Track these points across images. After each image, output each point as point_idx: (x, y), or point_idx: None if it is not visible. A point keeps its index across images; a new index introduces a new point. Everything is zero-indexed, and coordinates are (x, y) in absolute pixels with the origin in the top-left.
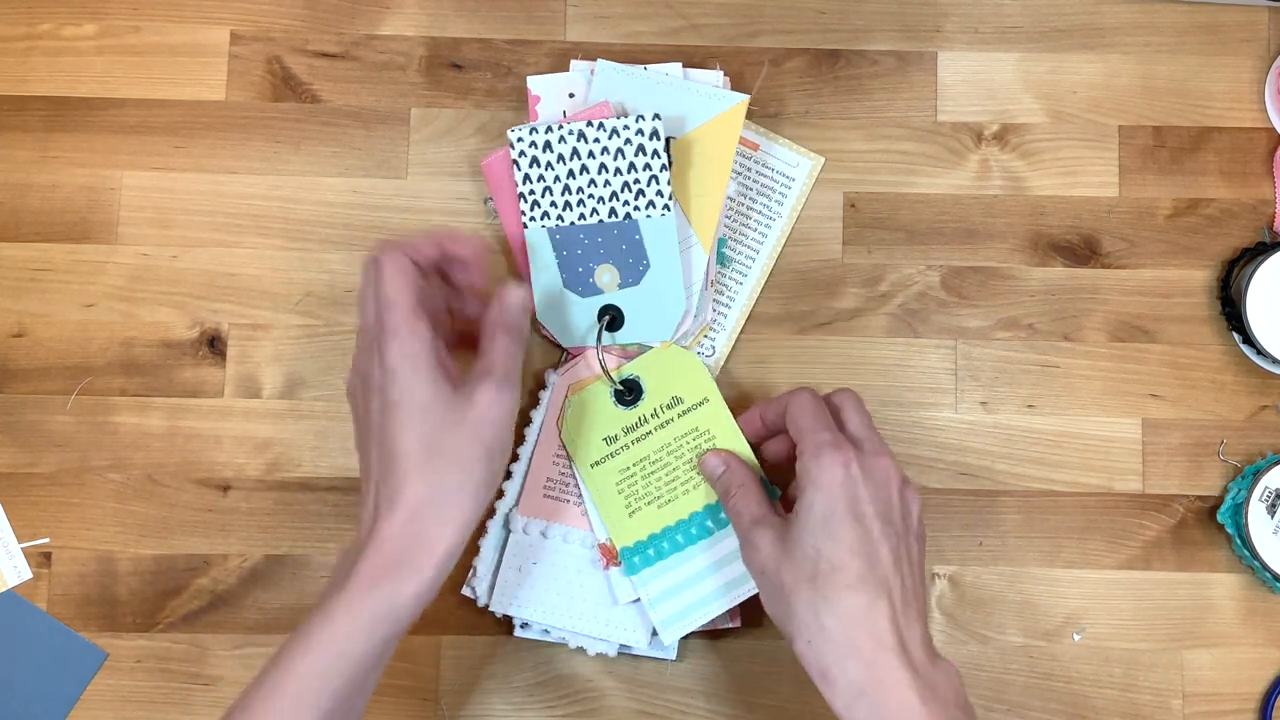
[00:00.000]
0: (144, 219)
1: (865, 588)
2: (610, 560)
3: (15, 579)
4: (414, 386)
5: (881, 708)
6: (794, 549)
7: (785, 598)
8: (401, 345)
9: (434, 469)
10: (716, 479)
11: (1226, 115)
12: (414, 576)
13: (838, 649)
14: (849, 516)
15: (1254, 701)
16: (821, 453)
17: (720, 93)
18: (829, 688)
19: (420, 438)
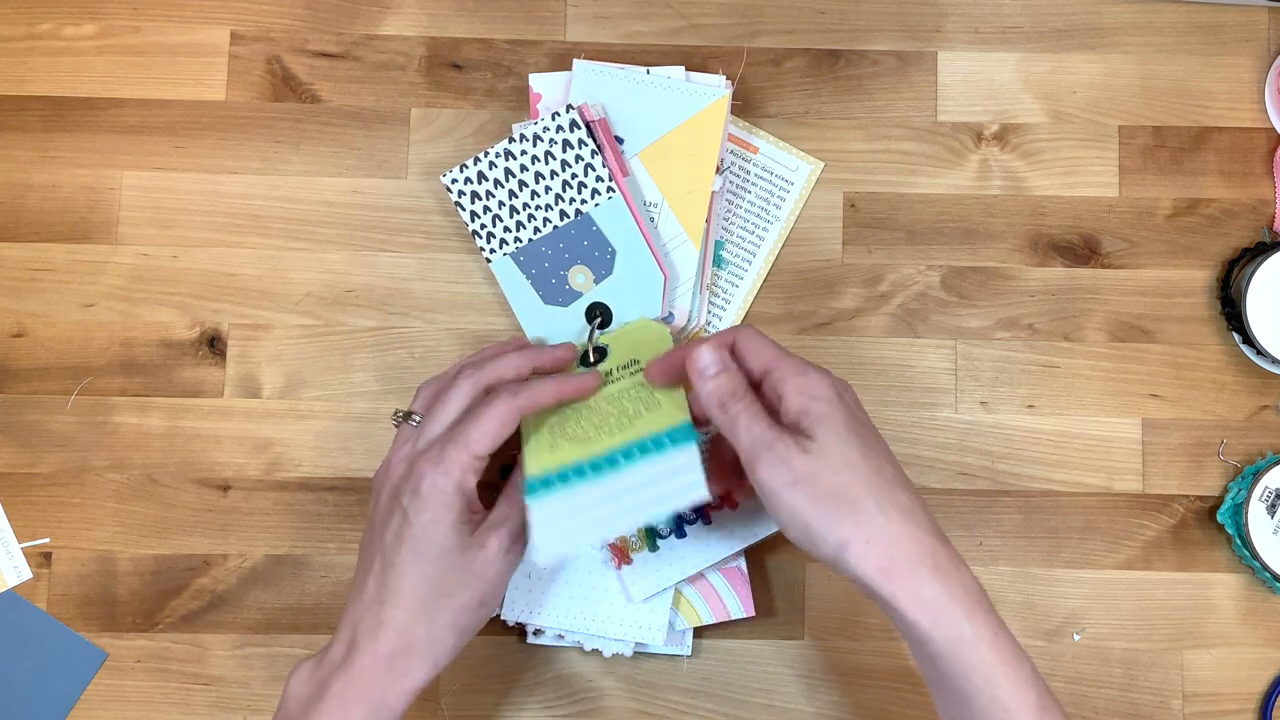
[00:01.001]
0: (144, 219)
1: (903, 488)
2: (621, 559)
3: (15, 579)
4: (436, 525)
5: (950, 590)
6: (826, 456)
7: (832, 503)
8: (442, 483)
9: (430, 610)
10: (711, 375)
11: (1226, 115)
12: (383, 710)
13: (898, 543)
14: (862, 428)
15: (1254, 701)
16: (807, 372)
17: (702, 89)
18: (894, 582)
19: (425, 577)
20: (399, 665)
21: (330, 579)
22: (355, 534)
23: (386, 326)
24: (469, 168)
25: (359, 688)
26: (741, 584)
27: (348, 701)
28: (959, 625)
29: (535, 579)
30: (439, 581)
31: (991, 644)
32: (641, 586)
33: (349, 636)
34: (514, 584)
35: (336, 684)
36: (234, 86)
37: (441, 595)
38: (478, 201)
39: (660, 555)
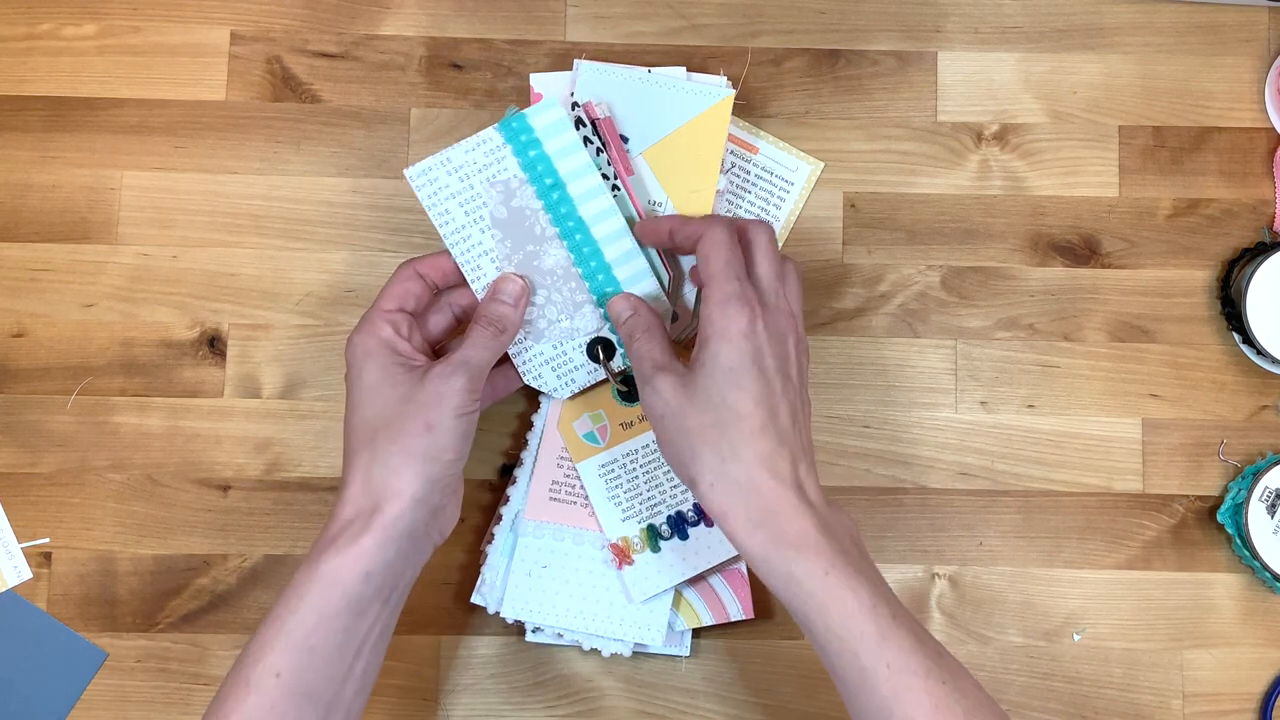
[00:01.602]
0: (144, 219)
1: (767, 436)
2: (622, 560)
3: (15, 579)
4: (364, 373)
5: (780, 534)
6: (698, 395)
7: (689, 442)
8: (360, 338)
9: (375, 445)
10: (623, 322)
11: (1226, 115)
12: (351, 547)
13: (741, 488)
14: (754, 369)
15: (1254, 701)
16: (729, 304)
17: (705, 88)
18: (730, 523)
19: (365, 418)
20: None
21: None
22: None
23: None
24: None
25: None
26: (741, 586)
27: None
28: (788, 565)
29: (536, 577)
30: (377, 419)
31: (823, 581)
32: (643, 587)
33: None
34: (514, 582)
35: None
36: (234, 86)
37: (383, 428)
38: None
39: (662, 556)
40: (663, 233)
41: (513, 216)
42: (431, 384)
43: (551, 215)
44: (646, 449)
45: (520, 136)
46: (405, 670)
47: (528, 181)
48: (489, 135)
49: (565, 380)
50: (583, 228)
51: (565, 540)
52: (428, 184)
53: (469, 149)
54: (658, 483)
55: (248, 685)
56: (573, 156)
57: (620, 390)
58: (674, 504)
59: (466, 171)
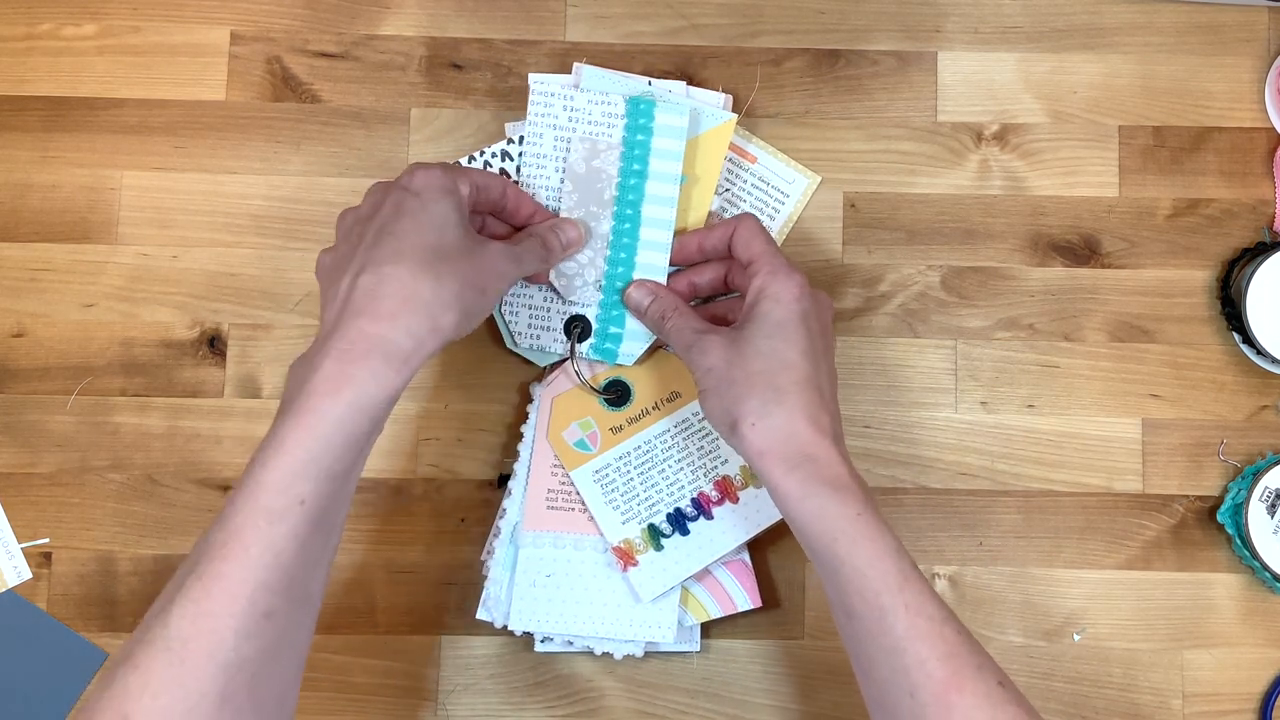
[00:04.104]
0: (144, 219)
1: (811, 386)
2: (627, 562)
3: (15, 579)
4: (438, 203)
5: (819, 473)
6: (747, 348)
7: (734, 389)
8: (443, 178)
9: (436, 268)
10: (646, 309)
11: (1226, 115)
12: (389, 374)
13: (781, 430)
14: (802, 325)
15: (1254, 701)
16: (779, 271)
17: (708, 109)
18: (768, 462)
19: (430, 242)
20: (400, 321)
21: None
22: (354, 534)
23: None
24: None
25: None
26: (746, 576)
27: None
28: (821, 502)
29: (540, 587)
30: (443, 246)
31: (854, 521)
32: (650, 587)
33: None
34: (519, 594)
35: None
36: (234, 86)
37: (448, 258)
38: None
39: (665, 554)
40: (691, 247)
41: (589, 175)
42: (496, 254)
43: (619, 194)
44: (639, 450)
45: (639, 119)
46: (405, 670)
47: (620, 156)
48: (616, 100)
49: (532, 334)
50: (636, 220)
51: (566, 548)
52: (543, 99)
53: (592, 100)
54: (653, 483)
55: (270, 515)
56: (669, 162)
57: (607, 399)
58: (672, 501)
59: (578, 115)
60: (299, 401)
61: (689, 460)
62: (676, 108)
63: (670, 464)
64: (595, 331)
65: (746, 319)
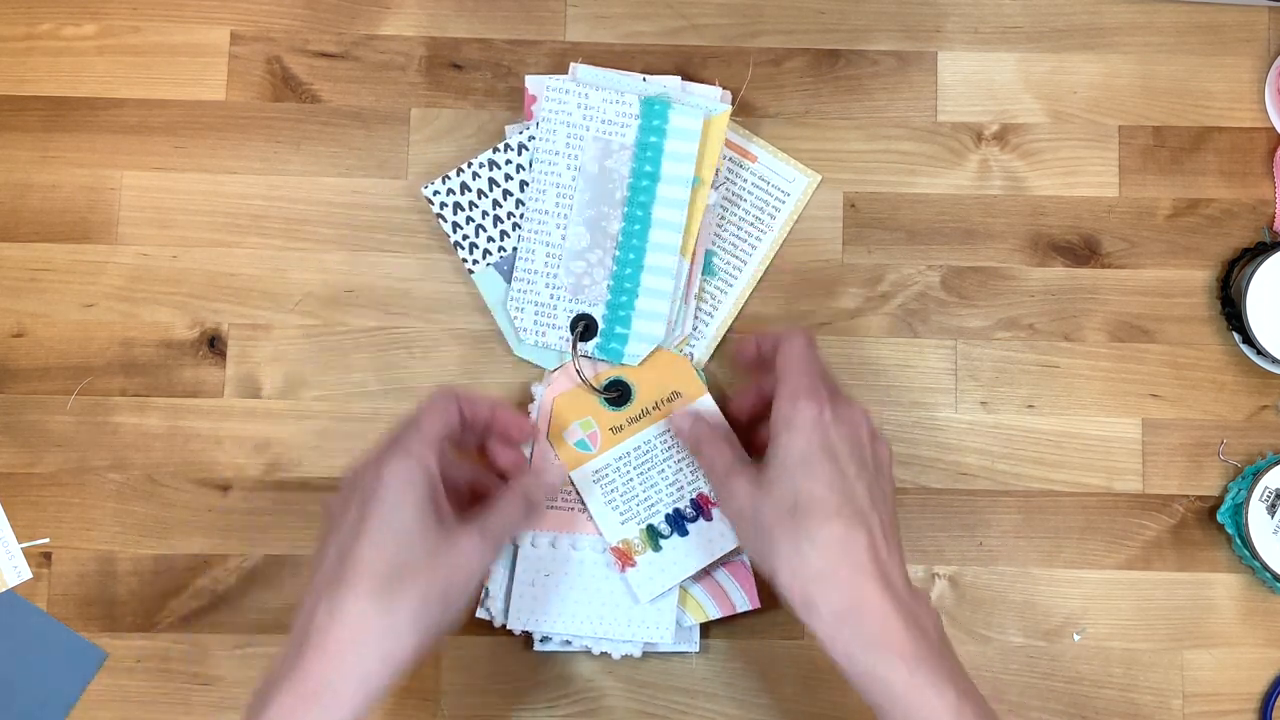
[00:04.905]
0: (144, 219)
1: (842, 519)
2: (625, 563)
3: (15, 579)
4: (400, 507)
5: (865, 631)
6: (772, 488)
7: (766, 534)
8: (403, 464)
9: (390, 594)
10: (685, 432)
11: (1226, 115)
12: (336, 711)
13: (819, 577)
14: (823, 455)
15: (1254, 701)
16: (797, 396)
17: (702, 101)
18: (812, 615)
19: (387, 557)
20: (348, 660)
21: None
22: None
23: (386, 326)
24: (451, 179)
25: (306, 689)
26: (745, 577)
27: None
28: (872, 665)
29: (539, 586)
30: (401, 563)
31: (906, 685)
32: (648, 588)
33: (302, 627)
34: (518, 592)
35: (283, 687)
36: (234, 86)
37: (405, 576)
38: (460, 213)
39: (664, 555)
40: (750, 350)
41: (601, 175)
42: (462, 549)
43: (630, 194)
44: (638, 450)
45: (653, 120)
46: None
47: (632, 157)
48: (631, 99)
49: (538, 330)
50: (646, 222)
51: (564, 547)
52: (557, 97)
53: (607, 99)
54: (652, 483)
55: None
56: (682, 164)
57: (608, 398)
58: (671, 502)
59: (591, 114)
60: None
61: (688, 461)
62: (691, 110)
63: (670, 465)
64: (601, 331)
65: (769, 454)
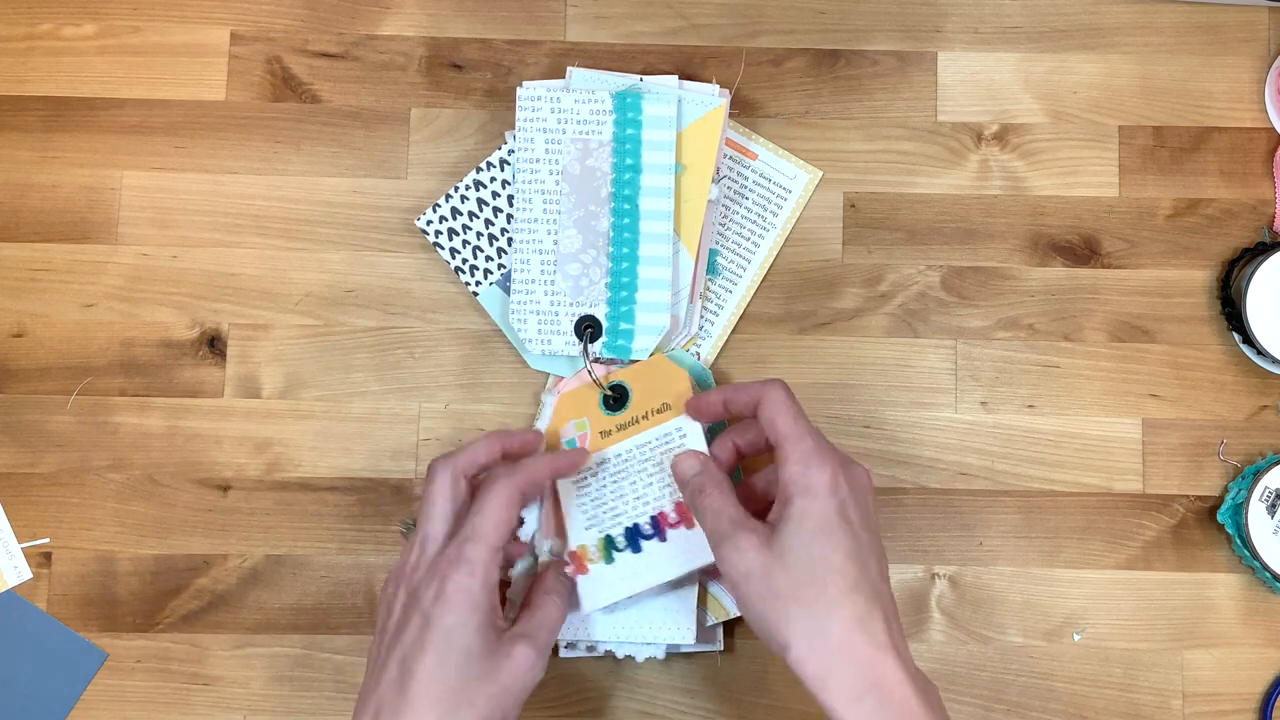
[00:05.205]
0: (144, 219)
1: (862, 593)
2: (579, 568)
3: (15, 579)
4: (463, 628)
5: (885, 707)
6: (786, 554)
7: (779, 604)
8: (468, 582)
9: (453, 715)
10: (690, 478)
11: (1226, 115)
12: None
13: (839, 652)
14: (841, 523)
15: (1254, 701)
16: (810, 460)
17: (698, 97)
18: (829, 691)
19: (447, 680)
20: None
21: (330, 579)
22: (355, 534)
23: (386, 326)
24: (441, 205)
25: None
26: None
27: None
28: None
29: None
30: (463, 690)
31: None
32: (594, 598)
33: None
34: None
35: None
36: (234, 86)
37: (465, 704)
38: (455, 238)
39: (615, 568)
40: (716, 405)
41: (584, 175)
42: (519, 664)
43: (614, 190)
44: (618, 458)
45: (628, 113)
46: None
47: (611, 153)
48: (603, 96)
49: (544, 339)
50: (635, 215)
51: None
52: (530, 106)
53: (579, 99)
54: (621, 493)
55: None
56: (662, 153)
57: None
58: (633, 516)
59: (566, 117)
60: None
61: (659, 476)
62: (663, 97)
63: (641, 478)
64: (606, 330)
65: (782, 517)
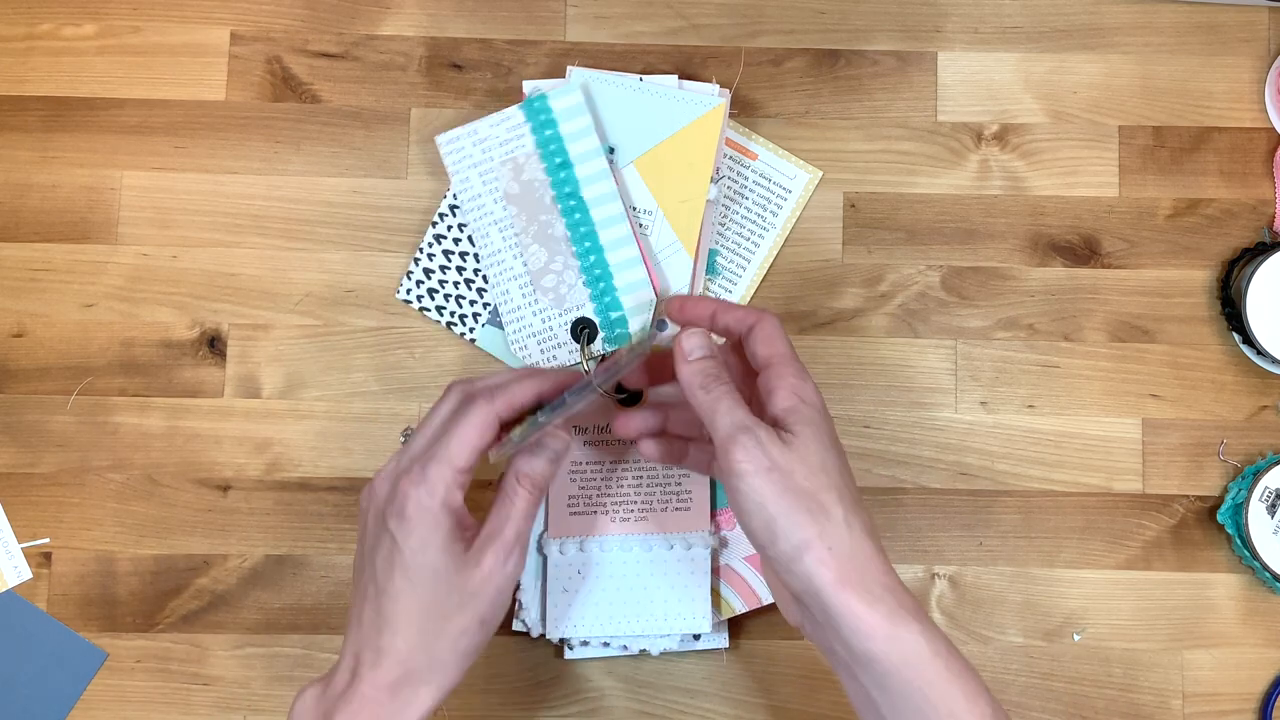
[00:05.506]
0: (144, 219)
1: (864, 509)
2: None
3: (15, 579)
4: (426, 550)
5: (900, 608)
6: (808, 457)
7: (802, 503)
8: (428, 502)
9: (428, 635)
10: (695, 358)
11: (1226, 115)
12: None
13: (855, 557)
14: (837, 443)
15: (1254, 701)
16: (807, 380)
17: (697, 97)
18: (848, 592)
19: (420, 603)
20: (402, 693)
21: (330, 579)
22: (355, 534)
23: (386, 326)
24: (414, 271)
25: (363, 718)
26: None
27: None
28: (914, 642)
29: (571, 591)
30: (435, 606)
31: (947, 660)
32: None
33: (351, 664)
34: (551, 601)
35: (340, 715)
36: (234, 86)
37: (439, 619)
38: (436, 296)
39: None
40: (704, 314)
41: (524, 191)
42: (486, 571)
43: (555, 193)
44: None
45: (540, 116)
46: None
47: (539, 159)
48: (512, 113)
49: (547, 357)
50: (583, 208)
51: (593, 550)
52: (454, 151)
53: (493, 124)
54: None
55: None
56: (584, 140)
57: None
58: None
59: (489, 145)
60: None
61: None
62: (566, 89)
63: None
64: (600, 324)
65: (792, 422)
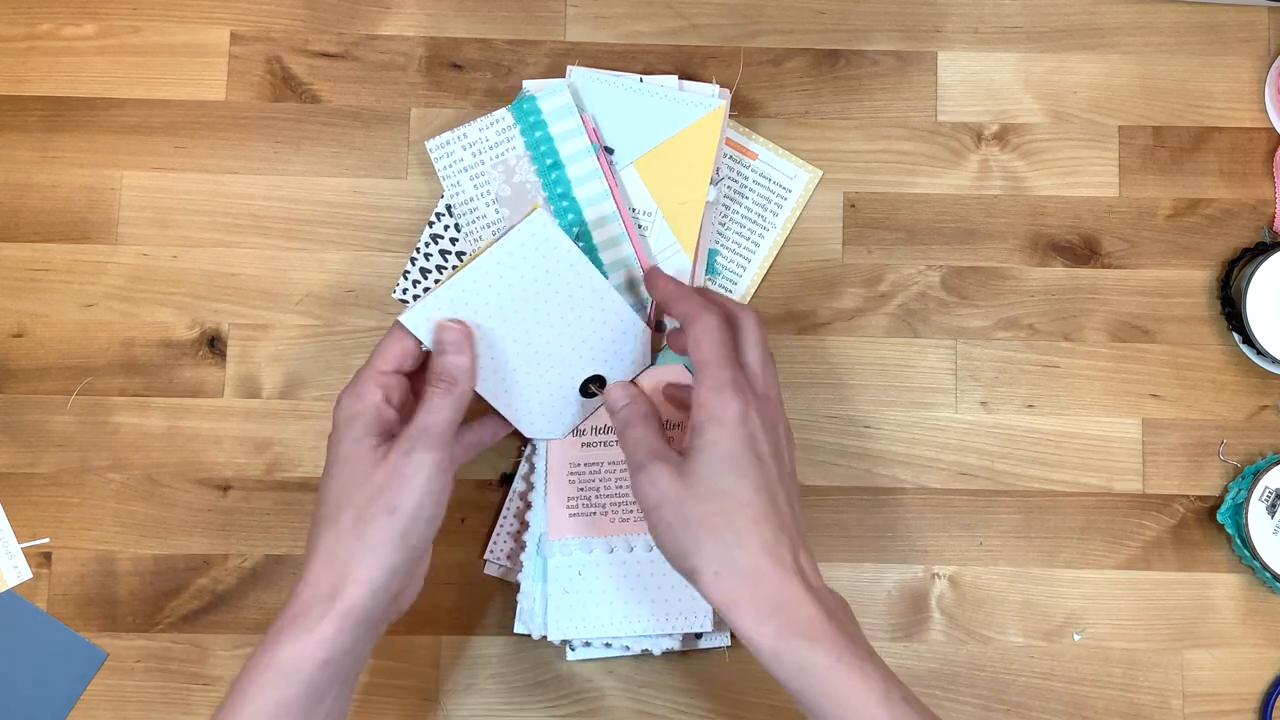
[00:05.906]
0: (144, 219)
1: (769, 523)
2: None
3: (15, 579)
4: (342, 440)
5: (790, 624)
6: (697, 483)
7: (690, 532)
8: (347, 400)
9: (339, 524)
10: (619, 409)
11: (1226, 115)
12: (309, 635)
13: (747, 578)
14: (751, 455)
15: (1254, 701)
16: (723, 390)
17: (697, 98)
18: (737, 614)
19: (334, 493)
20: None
21: None
22: None
23: (386, 326)
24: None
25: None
26: None
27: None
28: (799, 656)
29: (573, 592)
30: (344, 493)
31: (832, 669)
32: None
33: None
34: (553, 603)
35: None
36: (234, 86)
37: (346, 505)
38: None
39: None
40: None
41: (516, 193)
42: (392, 462)
43: (548, 194)
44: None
45: (529, 118)
46: (405, 670)
47: (530, 160)
48: (501, 115)
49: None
50: (576, 208)
51: (595, 551)
52: (445, 155)
53: (482, 127)
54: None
55: None
56: (574, 140)
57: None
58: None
59: (479, 148)
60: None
61: None
62: (554, 89)
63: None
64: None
65: (693, 448)
